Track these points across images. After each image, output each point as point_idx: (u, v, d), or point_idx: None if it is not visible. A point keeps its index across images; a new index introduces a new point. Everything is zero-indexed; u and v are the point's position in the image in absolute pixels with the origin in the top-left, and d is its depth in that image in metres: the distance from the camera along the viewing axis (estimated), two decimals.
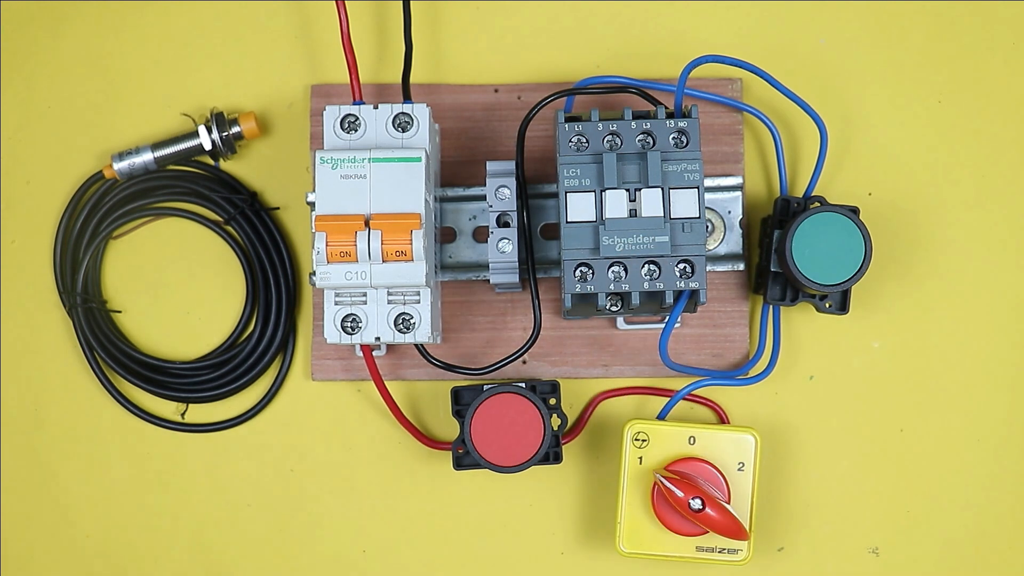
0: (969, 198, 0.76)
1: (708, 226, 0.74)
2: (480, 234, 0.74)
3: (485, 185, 0.72)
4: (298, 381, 0.76)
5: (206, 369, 0.76)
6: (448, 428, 0.76)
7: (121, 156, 0.75)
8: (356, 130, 0.69)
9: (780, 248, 0.71)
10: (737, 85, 0.76)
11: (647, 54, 0.77)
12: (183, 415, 0.76)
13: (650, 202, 0.67)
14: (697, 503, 0.69)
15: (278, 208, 0.77)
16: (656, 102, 0.70)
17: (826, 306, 0.73)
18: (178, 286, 0.77)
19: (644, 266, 0.67)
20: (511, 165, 0.71)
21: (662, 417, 0.72)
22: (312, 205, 0.68)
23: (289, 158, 0.77)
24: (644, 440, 0.71)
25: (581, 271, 0.67)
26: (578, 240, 0.67)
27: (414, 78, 0.74)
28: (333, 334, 0.69)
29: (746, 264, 0.74)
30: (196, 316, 0.76)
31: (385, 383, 0.71)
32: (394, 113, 0.69)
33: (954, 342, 0.75)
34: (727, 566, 0.72)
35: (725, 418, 0.75)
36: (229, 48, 0.77)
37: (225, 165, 0.77)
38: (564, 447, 0.74)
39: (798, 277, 0.70)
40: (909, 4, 0.77)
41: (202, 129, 0.75)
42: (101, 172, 0.76)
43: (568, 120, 0.68)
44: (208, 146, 0.75)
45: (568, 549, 0.75)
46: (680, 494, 0.68)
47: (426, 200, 0.67)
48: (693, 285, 0.67)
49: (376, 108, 0.69)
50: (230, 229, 0.76)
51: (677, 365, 0.72)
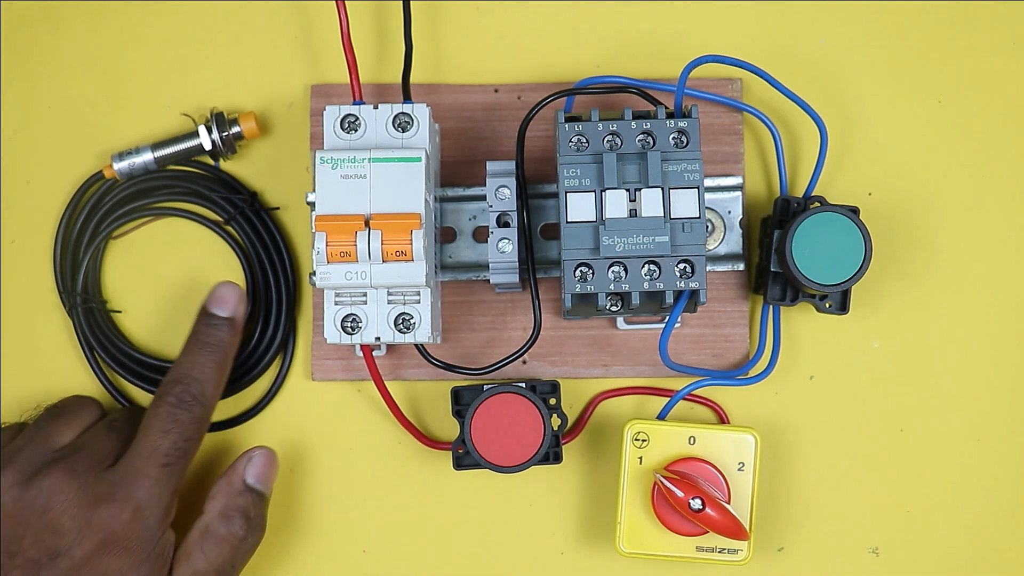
0: (969, 198, 0.76)
1: (708, 226, 0.74)
2: (480, 234, 0.74)
3: (485, 185, 0.72)
4: (298, 381, 0.76)
5: None
6: (448, 428, 0.76)
7: (121, 156, 0.75)
8: (356, 130, 0.69)
9: (780, 248, 0.71)
10: (737, 85, 0.76)
11: (647, 54, 0.77)
12: None
13: (650, 202, 0.67)
14: (697, 503, 0.69)
15: (278, 208, 0.77)
16: (656, 102, 0.70)
17: (826, 306, 0.73)
18: (178, 286, 0.77)
19: (644, 266, 0.67)
20: (511, 165, 0.71)
21: (662, 417, 0.72)
22: (312, 205, 0.68)
23: (289, 158, 0.77)
24: (644, 440, 0.71)
25: (581, 271, 0.67)
26: (578, 240, 0.67)
27: (414, 78, 0.74)
28: (333, 334, 0.69)
29: (746, 264, 0.74)
30: (196, 316, 0.76)
31: (385, 383, 0.71)
32: (394, 113, 0.69)
33: (954, 342, 0.75)
34: (727, 566, 0.72)
35: (725, 418, 0.75)
36: (229, 48, 0.77)
37: (225, 165, 0.77)
38: (564, 447, 0.74)
39: (798, 277, 0.70)
40: (909, 4, 0.77)
41: (202, 129, 0.75)
42: (101, 172, 0.76)
43: (568, 120, 0.68)
44: (208, 146, 0.75)
45: (568, 549, 0.75)
46: (680, 494, 0.68)
47: (426, 200, 0.67)
48: (693, 285, 0.67)
49: (376, 108, 0.69)
50: (230, 229, 0.76)
51: (677, 365, 0.72)
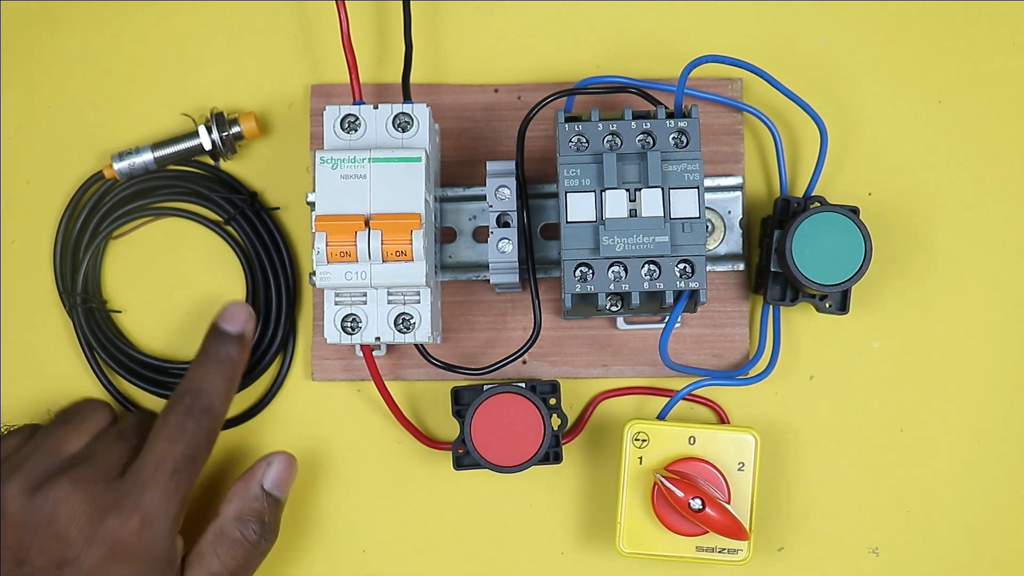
0: (969, 198, 0.76)
1: (708, 226, 0.74)
2: (480, 234, 0.74)
3: (485, 185, 0.72)
4: (298, 381, 0.76)
5: None
6: (448, 428, 0.76)
7: (121, 156, 0.75)
8: (356, 130, 0.69)
9: (780, 248, 0.71)
10: (737, 85, 0.76)
11: (647, 54, 0.77)
12: None
13: (650, 202, 0.67)
14: (697, 503, 0.69)
15: (278, 208, 0.77)
16: (656, 102, 0.70)
17: (826, 306, 0.73)
18: (178, 286, 0.77)
19: (644, 266, 0.67)
20: (511, 165, 0.71)
21: (662, 417, 0.72)
22: (312, 205, 0.68)
23: (289, 158, 0.77)
24: (644, 440, 0.71)
25: (581, 271, 0.67)
26: (578, 240, 0.67)
27: (414, 78, 0.74)
28: (333, 334, 0.69)
29: (746, 264, 0.74)
30: (196, 316, 0.76)
31: (385, 383, 0.71)
32: (394, 113, 0.69)
33: (954, 342, 0.75)
34: (727, 566, 0.72)
35: (725, 418, 0.75)
36: (229, 48, 0.77)
37: (225, 165, 0.77)
38: (564, 447, 0.74)
39: (798, 277, 0.70)
40: (909, 4, 0.77)
41: (202, 129, 0.75)
42: (101, 172, 0.76)
43: (568, 120, 0.68)
44: (208, 146, 0.75)
45: (568, 549, 0.75)
46: (680, 494, 0.68)
47: (426, 200, 0.67)
48: (693, 285, 0.67)
49: (376, 108, 0.69)
50: (230, 229, 0.76)
51: (677, 365, 0.72)
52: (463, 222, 0.74)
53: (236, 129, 0.75)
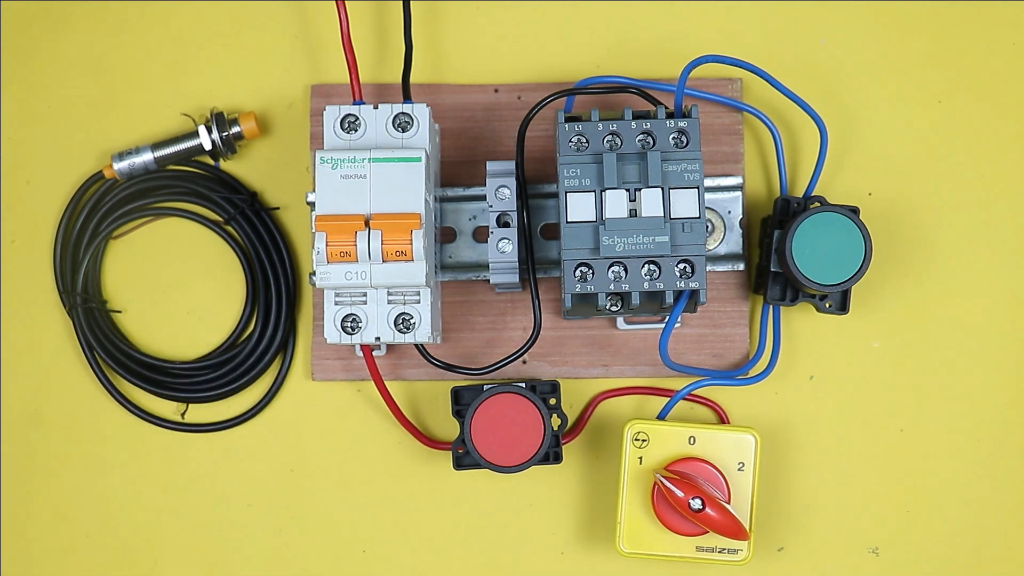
0: (969, 198, 0.76)
1: (708, 226, 0.74)
2: (480, 234, 0.74)
3: (485, 185, 0.72)
4: (298, 381, 0.76)
5: (206, 369, 0.76)
6: (448, 428, 0.76)
7: (121, 156, 0.75)
8: (356, 130, 0.69)
9: (780, 248, 0.71)
10: (737, 85, 0.76)
11: (647, 54, 0.77)
12: (183, 415, 0.76)
13: (650, 202, 0.67)
14: (697, 503, 0.69)
15: (278, 208, 0.77)
16: (656, 102, 0.70)
17: (826, 306, 0.73)
18: (178, 286, 0.77)
19: (644, 266, 0.67)
20: (511, 165, 0.71)
21: (662, 417, 0.72)
22: (312, 205, 0.68)
23: (289, 158, 0.77)
24: (644, 440, 0.71)
25: (581, 271, 0.67)
26: (578, 240, 0.67)
27: (414, 78, 0.74)
28: (333, 334, 0.69)
29: (746, 264, 0.74)
30: (196, 316, 0.76)
31: (385, 383, 0.71)
32: (394, 113, 0.69)
33: (954, 342, 0.75)
34: (727, 566, 0.72)
35: (725, 418, 0.75)
36: (229, 48, 0.77)
37: (225, 165, 0.77)
38: (564, 447, 0.74)
39: (798, 277, 0.70)
40: (909, 4, 0.77)
41: (202, 129, 0.75)
42: (101, 172, 0.76)
43: (568, 120, 0.68)
44: (208, 146, 0.75)
45: (568, 549, 0.75)
46: (680, 494, 0.68)
47: (426, 200, 0.67)
48: (693, 285, 0.67)
49: (376, 108, 0.69)
50: (230, 229, 0.76)
51: (677, 365, 0.72)
52: (463, 222, 0.74)
53: (236, 129, 0.75)
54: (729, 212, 0.74)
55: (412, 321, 0.69)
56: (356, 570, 0.75)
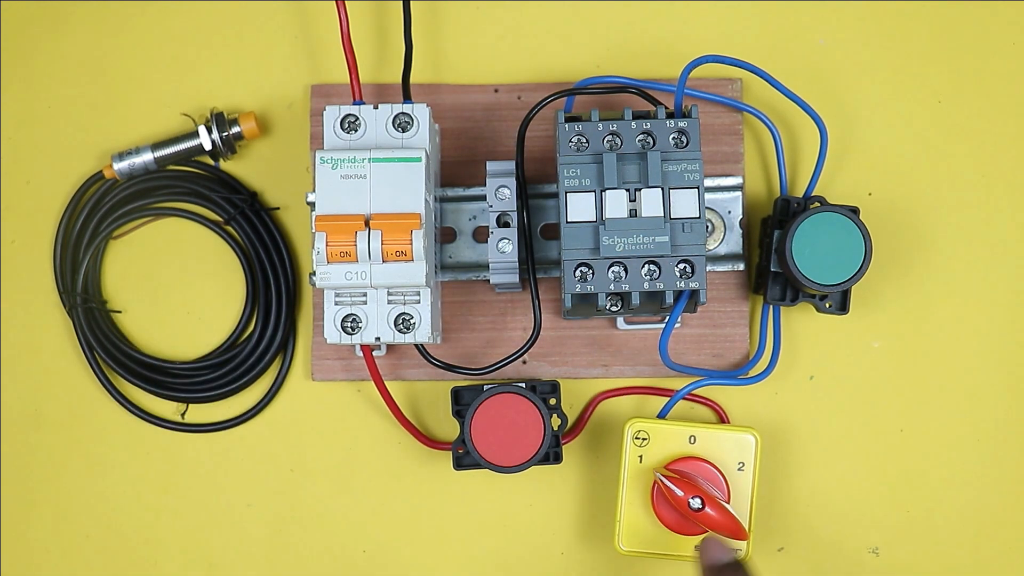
0: (969, 198, 0.76)
1: (708, 226, 0.74)
2: (480, 234, 0.74)
3: (485, 185, 0.72)
4: (298, 381, 0.76)
5: (206, 369, 0.76)
6: (448, 428, 0.76)
7: (121, 156, 0.75)
8: (356, 130, 0.69)
9: (780, 248, 0.71)
10: (737, 85, 0.76)
11: (647, 54, 0.77)
12: (183, 415, 0.76)
13: (650, 202, 0.67)
14: (697, 502, 0.69)
15: (278, 208, 0.77)
16: (656, 102, 0.70)
17: (826, 306, 0.73)
18: (178, 286, 0.77)
19: (644, 266, 0.67)
20: (511, 165, 0.71)
21: (662, 416, 0.72)
22: (312, 205, 0.68)
23: (289, 158, 0.77)
24: (644, 439, 0.71)
25: (581, 271, 0.67)
26: (578, 240, 0.67)
27: (414, 78, 0.74)
28: (333, 334, 0.69)
29: (746, 264, 0.74)
30: (196, 316, 0.76)
31: (385, 383, 0.71)
32: (394, 113, 0.69)
33: (954, 342, 0.75)
34: None
35: (725, 418, 0.75)
36: (229, 48, 0.77)
37: (225, 165, 0.77)
38: (564, 447, 0.74)
39: (798, 277, 0.70)
40: (909, 4, 0.77)
41: (202, 129, 0.75)
42: (101, 172, 0.76)
43: (568, 120, 0.68)
44: (208, 146, 0.75)
45: (568, 549, 0.75)
46: (680, 493, 0.68)
47: (426, 200, 0.67)
48: (693, 285, 0.67)
49: (376, 108, 0.69)
50: (230, 229, 0.76)
51: (677, 365, 0.72)
52: (463, 222, 0.74)
53: (236, 129, 0.75)
54: (729, 212, 0.74)
55: (412, 321, 0.69)
56: (356, 570, 0.75)
